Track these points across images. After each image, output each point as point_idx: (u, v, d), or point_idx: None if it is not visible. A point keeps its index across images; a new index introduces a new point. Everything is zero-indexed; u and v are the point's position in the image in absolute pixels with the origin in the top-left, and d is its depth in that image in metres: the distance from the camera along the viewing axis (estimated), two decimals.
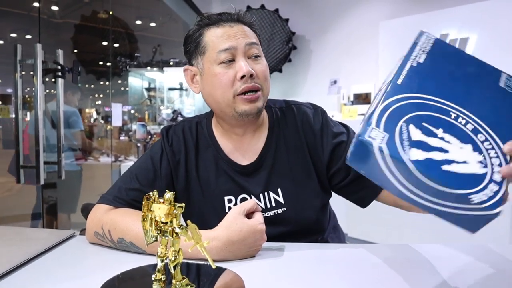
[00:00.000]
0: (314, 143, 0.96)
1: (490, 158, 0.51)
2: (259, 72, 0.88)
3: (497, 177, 0.49)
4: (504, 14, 2.90)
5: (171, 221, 0.54)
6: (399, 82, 0.58)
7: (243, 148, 0.97)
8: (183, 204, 0.55)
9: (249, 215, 0.79)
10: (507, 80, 0.60)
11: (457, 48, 0.67)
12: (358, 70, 4.10)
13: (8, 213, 2.42)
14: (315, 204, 0.96)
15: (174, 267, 0.55)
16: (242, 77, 0.85)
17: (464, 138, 0.52)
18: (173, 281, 0.56)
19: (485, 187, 0.49)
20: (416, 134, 0.51)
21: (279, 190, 0.95)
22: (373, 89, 3.83)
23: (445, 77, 0.60)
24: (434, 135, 0.52)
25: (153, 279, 0.57)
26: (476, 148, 0.51)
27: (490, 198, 0.48)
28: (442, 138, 0.51)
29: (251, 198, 0.94)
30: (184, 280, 0.57)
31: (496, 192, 0.49)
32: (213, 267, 0.53)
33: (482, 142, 0.52)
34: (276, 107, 1.02)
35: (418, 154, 0.49)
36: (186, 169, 0.96)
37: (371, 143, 0.49)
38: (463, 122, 0.54)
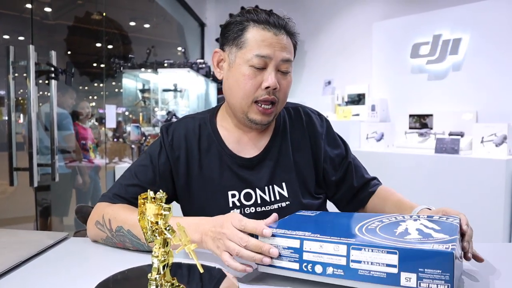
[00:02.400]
0: (316, 146, 1.02)
1: None
2: (283, 88, 0.91)
3: None
4: (497, 15, 2.93)
5: (158, 222, 0.54)
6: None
7: (248, 143, 0.98)
8: (170, 206, 0.55)
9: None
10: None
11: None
12: (352, 70, 4.12)
13: (2, 215, 2.40)
14: (315, 202, 1.01)
15: (163, 267, 0.56)
16: (267, 87, 0.88)
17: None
18: (163, 281, 0.56)
19: None
20: None
21: (283, 184, 0.97)
22: (367, 90, 3.85)
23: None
24: None
25: (149, 277, 0.57)
26: None
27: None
28: None
29: (255, 192, 0.95)
30: (174, 280, 0.57)
31: None
32: (201, 271, 0.53)
33: None
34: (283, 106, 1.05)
35: None
36: (187, 165, 0.97)
37: None
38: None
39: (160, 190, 0.56)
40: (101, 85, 3.64)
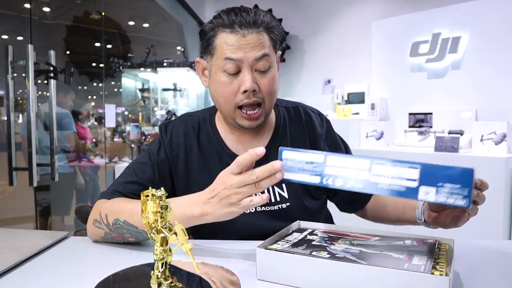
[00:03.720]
0: (316, 147, 1.01)
1: None
2: (263, 87, 0.87)
3: None
4: (496, 13, 2.93)
5: (157, 220, 0.54)
6: None
7: (247, 144, 0.97)
8: (168, 204, 0.55)
9: None
10: None
11: None
12: (351, 69, 4.11)
13: (2, 215, 2.40)
14: (315, 203, 1.00)
15: (162, 266, 0.56)
16: (245, 91, 0.86)
17: None
18: (161, 279, 0.56)
19: None
20: None
21: (283, 185, 0.96)
22: (366, 89, 3.85)
23: None
24: None
25: (151, 274, 0.57)
26: None
27: None
28: None
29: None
30: (172, 279, 0.57)
31: None
32: (198, 271, 0.53)
33: None
34: (283, 106, 1.05)
35: None
36: (187, 164, 0.96)
37: None
38: None
39: (162, 188, 0.56)
40: (100, 84, 3.64)
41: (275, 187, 0.96)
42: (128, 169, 0.96)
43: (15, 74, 1.82)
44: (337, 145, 1.05)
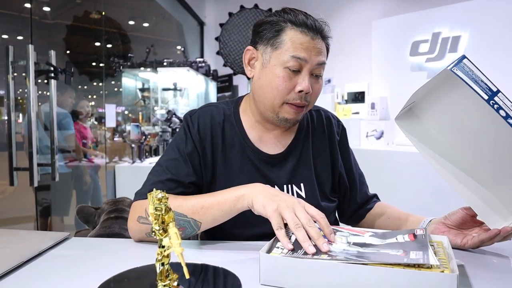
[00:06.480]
0: (334, 150, 1.04)
1: None
2: (315, 91, 0.91)
3: None
4: (495, 12, 2.93)
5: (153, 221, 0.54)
6: None
7: (270, 140, 0.98)
8: (162, 207, 0.55)
9: None
10: None
11: None
12: (351, 69, 4.12)
13: (2, 215, 2.41)
14: (331, 205, 1.01)
15: (159, 266, 0.56)
16: (300, 91, 0.87)
17: None
18: (159, 281, 0.56)
19: None
20: None
21: (302, 184, 0.97)
22: (366, 88, 3.85)
23: None
24: None
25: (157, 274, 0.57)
26: None
27: None
28: None
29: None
30: (171, 280, 0.57)
31: None
32: (187, 276, 0.53)
33: None
34: None
35: None
36: (213, 156, 0.95)
37: None
38: None
39: (165, 191, 0.56)
40: (100, 84, 3.63)
41: (293, 185, 0.96)
42: (160, 166, 0.93)
43: (15, 74, 1.82)
44: (347, 153, 1.08)
